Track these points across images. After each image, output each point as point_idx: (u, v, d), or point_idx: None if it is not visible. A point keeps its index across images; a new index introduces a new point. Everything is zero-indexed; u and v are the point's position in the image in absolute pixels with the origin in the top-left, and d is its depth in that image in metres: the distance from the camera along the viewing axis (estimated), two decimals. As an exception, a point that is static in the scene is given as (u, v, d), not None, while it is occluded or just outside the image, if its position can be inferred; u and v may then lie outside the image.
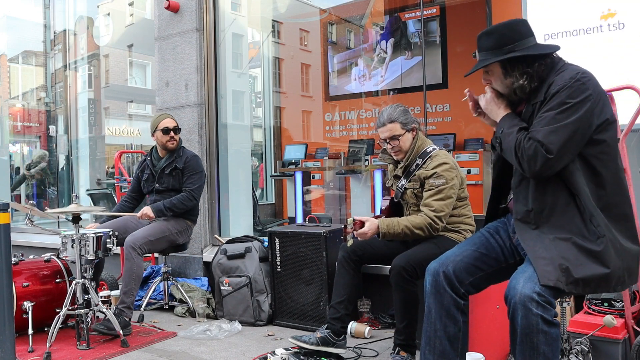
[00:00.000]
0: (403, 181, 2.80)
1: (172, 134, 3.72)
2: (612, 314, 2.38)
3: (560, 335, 1.71)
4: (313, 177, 6.22)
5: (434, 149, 2.77)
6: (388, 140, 2.76)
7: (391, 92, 6.52)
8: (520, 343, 1.68)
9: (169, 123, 3.74)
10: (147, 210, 3.55)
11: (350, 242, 2.68)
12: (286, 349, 2.85)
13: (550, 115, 1.72)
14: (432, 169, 2.66)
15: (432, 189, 2.64)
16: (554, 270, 1.67)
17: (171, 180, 3.70)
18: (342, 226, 2.61)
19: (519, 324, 1.67)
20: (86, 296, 3.10)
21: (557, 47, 1.88)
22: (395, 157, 2.84)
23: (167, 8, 4.54)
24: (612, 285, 1.73)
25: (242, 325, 3.49)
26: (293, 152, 6.49)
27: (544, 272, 1.67)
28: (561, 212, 1.76)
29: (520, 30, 1.86)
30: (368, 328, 3.22)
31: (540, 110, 1.78)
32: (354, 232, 2.58)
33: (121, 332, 3.12)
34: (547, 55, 1.85)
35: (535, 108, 1.81)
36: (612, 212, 1.75)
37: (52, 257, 3.53)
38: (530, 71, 1.82)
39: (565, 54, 3.41)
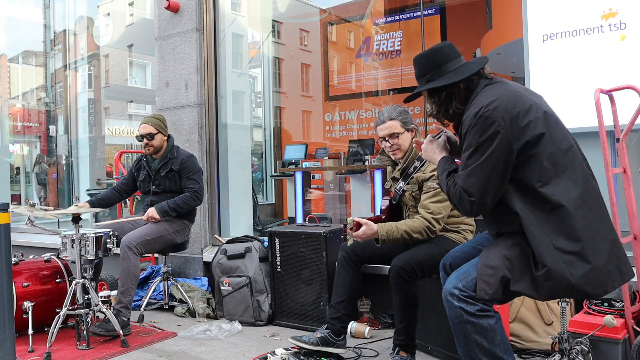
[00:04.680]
0: (401, 183, 2.79)
1: (145, 140, 3.64)
2: (612, 314, 2.38)
3: (494, 325, 1.70)
4: (313, 177, 6.21)
5: None
6: (387, 138, 2.76)
7: (391, 92, 6.51)
8: (454, 333, 1.77)
9: (141, 130, 3.65)
10: (152, 212, 3.54)
11: (350, 242, 2.67)
12: (286, 349, 2.85)
13: (464, 157, 1.75)
14: (431, 171, 2.66)
15: (430, 191, 2.64)
16: (495, 282, 1.68)
17: (167, 182, 3.68)
18: (342, 225, 2.61)
19: (448, 316, 1.77)
20: (86, 296, 3.10)
21: (467, 73, 1.82)
22: (393, 157, 2.83)
23: (167, 8, 4.54)
24: (574, 295, 1.70)
25: (242, 325, 3.49)
26: (293, 152, 6.48)
27: (483, 285, 1.69)
28: (513, 233, 1.75)
29: (436, 57, 1.88)
30: (368, 328, 3.21)
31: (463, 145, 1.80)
32: (352, 233, 2.58)
33: (121, 332, 3.12)
34: (443, 88, 1.84)
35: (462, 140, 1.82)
36: (563, 226, 1.64)
37: (52, 257, 3.52)
38: (434, 100, 1.89)
39: (565, 54, 3.38)
